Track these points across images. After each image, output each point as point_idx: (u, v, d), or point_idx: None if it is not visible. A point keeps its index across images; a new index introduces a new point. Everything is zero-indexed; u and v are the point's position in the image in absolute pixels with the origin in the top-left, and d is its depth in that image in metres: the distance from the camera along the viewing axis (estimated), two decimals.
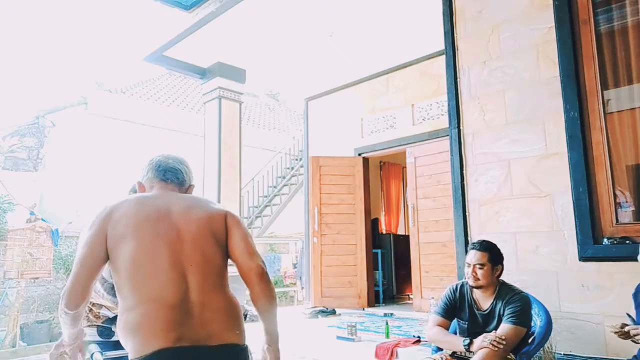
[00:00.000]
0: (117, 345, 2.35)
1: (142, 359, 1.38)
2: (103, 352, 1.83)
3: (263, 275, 1.58)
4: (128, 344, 1.44)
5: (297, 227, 9.49)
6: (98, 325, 2.08)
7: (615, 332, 2.13)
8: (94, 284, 1.51)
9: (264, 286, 1.58)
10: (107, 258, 1.50)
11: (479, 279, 2.53)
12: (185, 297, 1.46)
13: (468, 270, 2.57)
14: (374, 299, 6.64)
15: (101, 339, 2.06)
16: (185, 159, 1.80)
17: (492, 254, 2.56)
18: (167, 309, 1.42)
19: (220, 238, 1.59)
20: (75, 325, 1.54)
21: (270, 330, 1.65)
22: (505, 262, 3.24)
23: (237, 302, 1.58)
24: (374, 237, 7.13)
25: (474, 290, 2.60)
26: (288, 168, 12.46)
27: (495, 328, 2.49)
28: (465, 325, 2.63)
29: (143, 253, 1.47)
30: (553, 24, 3.28)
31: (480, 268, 2.52)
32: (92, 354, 1.88)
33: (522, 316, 2.43)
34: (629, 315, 2.24)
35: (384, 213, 8.44)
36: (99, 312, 2.08)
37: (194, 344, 1.41)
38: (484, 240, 2.70)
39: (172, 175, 1.70)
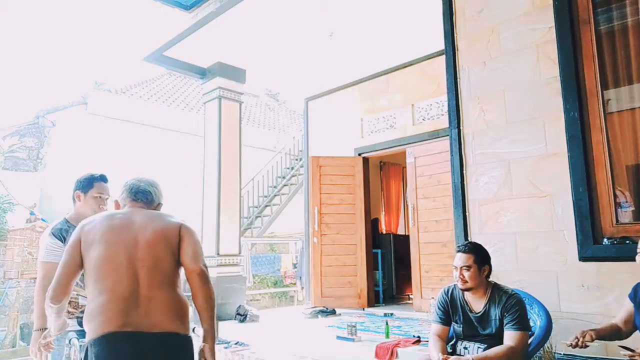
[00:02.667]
0: None
1: (94, 340, 1.71)
2: (79, 338, 2.11)
3: (202, 275, 1.88)
4: (87, 328, 1.77)
5: (297, 227, 9.49)
6: (77, 316, 2.32)
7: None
8: (73, 283, 1.86)
9: (202, 285, 1.87)
10: (82, 261, 1.85)
11: (466, 281, 2.53)
12: (135, 291, 1.77)
13: (456, 274, 2.57)
14: (374, 299, 6.64)
15: (80, 328, 2.26)
16: (157, 181, 2.14)
17: (478, 255, 2.56)
18: (119, 300, 1.74)
19: (173, 245, 1.90)
20: (59, 317, 1.91)
21: (207, 328, 1.89)
22: (505, 262, 3.23)
23: (184, 299, 1.88)
24: (374, 237, 7.13)
25: (465, 292, 2.61)
26: (288, 168, 12.45)
27: (494, 332, 2.49)
28: (460, 328, 2.63)
29: (106, 255, 1.81)
30: (553, 24, 3.28)
31: (466, 270, 2.53)
32: (70, 339, 2.17)
33: (524, 320, 2.45)
34: (623, 347, 2.22)
35: (384, 213, 8.44)
36: (77, 302, 2.33)
37: (137, 330, 1.71)
38: (469, 242, 2.72)
39: (142, 196, 2.04)
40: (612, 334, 2.33)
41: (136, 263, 1.81)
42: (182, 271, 1.94)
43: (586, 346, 2.22)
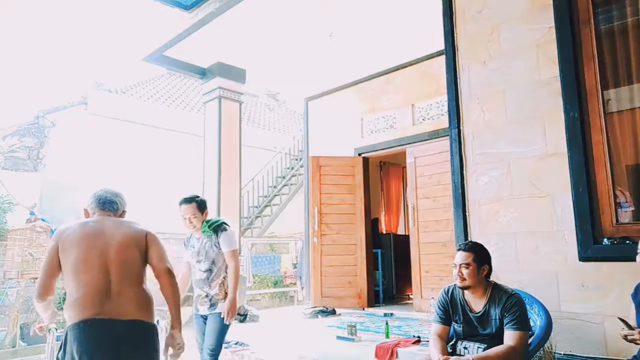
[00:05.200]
0: None
1: (72, 325, 2.05)
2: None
3: (167, 271, 2.27)
4: (67, 315, 2.09)
5: (297, 227, 9.49)
6: None
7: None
8: (54, 283, 2.19)
9: (168, 280, 2.27)
10: (60, 264, 2.16)
11: (464, 279, 2.53)
12: (108, 286, 2.10)
13: (455, 271, 2.58)
14: (374, 299, 6.64)
15: None
16: (121, 192, 2.48)
17: (477, 254, 2.56)
18: (95, 293, 2.08)
19: (141, 248, 2.25)
20: (47, 310, 2.26)
21: (174, 315, 2.29)
22: (505, 262, 3.22)
23: (149, 293, 2.22)
24: (374, 237, 7.12)
25: (465, 291, 2.61)
26: (288, 168, 12.45)
27: (494, 332, 2.49)
28: (460, 328, 2.63)
29: (82, 257, 2.13)
30: (553, 24, 3.28)
31: (465, 268, 2.53)
32: (50, 329, 2.51)
33: (524, 320, 2.45)
34: (622, 320, 2.22)
35: (384, 213, 8.44)
36: None
37: (109, 317, 2.06)
38: (469, 241, 2.74)
39: (108, 206, 2.38)
40: None
41: (108, 263, 2.14)
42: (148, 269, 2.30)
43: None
